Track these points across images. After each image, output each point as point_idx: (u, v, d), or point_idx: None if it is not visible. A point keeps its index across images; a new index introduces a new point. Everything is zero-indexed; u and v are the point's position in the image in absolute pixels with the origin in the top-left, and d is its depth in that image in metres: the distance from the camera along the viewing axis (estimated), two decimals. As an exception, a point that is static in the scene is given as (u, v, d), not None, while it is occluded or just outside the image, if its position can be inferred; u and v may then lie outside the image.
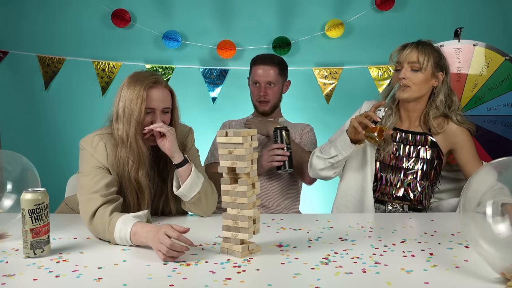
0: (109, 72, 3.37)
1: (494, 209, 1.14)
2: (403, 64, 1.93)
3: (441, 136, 1.98)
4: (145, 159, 1.68)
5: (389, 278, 1.21)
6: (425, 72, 1.91)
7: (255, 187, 1.40)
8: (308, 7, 3.34)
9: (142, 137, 1.66)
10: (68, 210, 1.94)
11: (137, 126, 1.64)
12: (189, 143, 1.89)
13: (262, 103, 2.39)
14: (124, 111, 1.65)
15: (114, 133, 1.68)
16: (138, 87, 1.64)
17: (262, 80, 2.36)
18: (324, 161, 1.99)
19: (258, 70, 2.38)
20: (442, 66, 1.97)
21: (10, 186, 1.58)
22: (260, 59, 2.42)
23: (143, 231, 1.45)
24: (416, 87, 1.92)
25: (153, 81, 1.66)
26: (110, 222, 1.50)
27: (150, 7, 3.37)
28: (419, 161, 1.99)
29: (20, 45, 3.35)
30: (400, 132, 2.02)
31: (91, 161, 1.65)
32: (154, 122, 1.67)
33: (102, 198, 1.57)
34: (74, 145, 3.34)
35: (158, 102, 1.67)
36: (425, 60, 1.91)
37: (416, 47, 1.94)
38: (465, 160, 1.97)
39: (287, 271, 1.27)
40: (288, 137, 2.16)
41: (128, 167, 1.65)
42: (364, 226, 1.70)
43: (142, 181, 1.68)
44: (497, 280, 1.17)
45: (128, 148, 1.65)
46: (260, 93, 2.37)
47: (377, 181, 2.03)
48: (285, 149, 2.15)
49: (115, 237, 1.49)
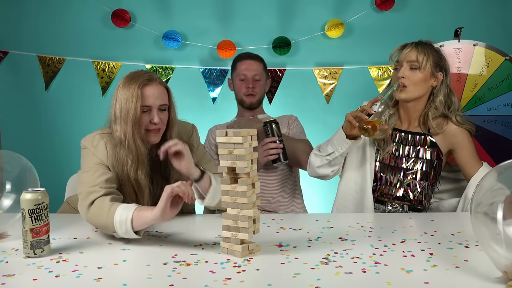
0: (109, 72, 3.37)
1: (504, 209, 1.14)
2: (402, 63, 1.93)
3: (441, 137, 1.98)
4: (144, 158, 1.68)
5: (389, 278, 1.21)
6: (424, 71, 1.92)
7: (255, 187, 1.40)
8: (308, 7, 3.34)
9: (140, 137, 1.66)
10: (70, 209, 1.93)
11: (134, 126, 1.64)
12: (195, 142, 1.88)
13: (249, 96, 2.42)
14: (120, 112, 1.65)
15: (113, 134, 1.68)
16: (132, 86, 1.64)
17: (249, 74, 2.42)
18: (321, 158, 1.99)
19: (243, 65, 2.43)
20: (442, 66, 1.97)
21: (10, 186, 1.58)
22: (244, 55, 2.49)
23: (147, 208, 1.46)
24: (414, 87, 1.92)
25: (147, 79, 1.66)
26: (110, 208, 1.49)
27: (150, 7, 3.37)
28: (419, 162, 1.99)
29: (20, 45, 3.35)
30: (399, 133, 2.02)
31: (92, 159, 1.66)
32: (152, 120, 1.67)
33: (102, 189, 1.57)
34: (74, 145, 3.35)
35: (154, 99, 1.66)
36: (424, 59, 1.91)
37: (415, 46, 1.94)
38: (465, 160, 1.97)
39: (287, 271, 1.27)
40: (278, 129, 2.20)
41: (127, 167, 1.65)
42: (364, 226, 1.70)
43: (142, 181, 1.68)
44: (498, 280, 1.17)
45: (127, 148, 1.65)
46: (248, 85, 2.41)
47: (376, 181, 2.03)
48: (278, 141, 2.18)
49: (114, 221, 1.46)
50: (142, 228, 1.47)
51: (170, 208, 1.42)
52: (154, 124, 1.67)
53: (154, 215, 1.42)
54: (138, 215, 1.45)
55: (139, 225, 1.46)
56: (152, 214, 1.42)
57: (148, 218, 1.44)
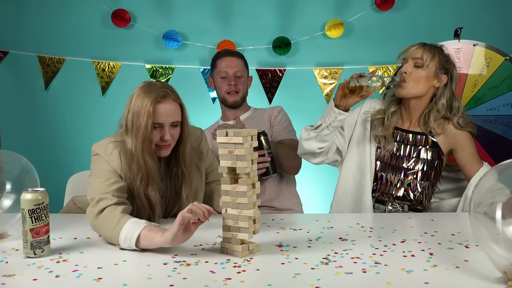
0: (109, 72, 3.37)
1: (503, 210, 1.14)
2: (408, 59, 1.95)
3: (442, 137, 1.98)
4: (154, 175, 1.64)
5: (389, 278, 1.21)
6: (426, 69, 1.92)
7: (255, 187, 1.40)
8: (308, 7, 3.34)
9: (150, 152, 1.62)
10: (76, 209, 1.91)
11: (144, 142, 1.60)
12: (204, 149, 1.85)
13: (231, 94, 2.35)
14: (132, 125, 1.61)
15: (125, 144, 1.65)
16: (146, 101, 1.59)
17: (230, 71, 2.34)
18: (309, 132, 1.95)
19: (224, 62, 2.36)
20: (448, 70, 1.97)
21: (10, 186, 1.58)
22: (224, 52, 2.43)
23: (158, 229, 1.41)
24: (414, 84, 1.92)
25: (161, 95, 1.60)
26: (120, 220, 1.46)
27: (150, 7, 3.37)
28: (420, 162, 1.99)
29: (20, 45, 3.35)
30: (401, 132, 2.02)
31: (105, 166, 1.63)
32: (163, 137, 1.63)
33: (114, 198, 1.54)
34: (74, 145, 3.39)
35: (166, 117, 1.62)
36: (428, 58, 1.92)
37: (423, 45, 1.96)
38: (466, 160, 1.97)
39: (287, 271, 1.27)
40: (267, 141, 2.13)
41: (137, 182, 1.62)
42: (364, 226, 1.70)
43: (153, 197, 1.65)
44: (498, 280, 1.17)
45: (136, 163, 1.62)
46: (230, 83, 2.33)
47: (377, 181, 2.03)
48: (266, 154, 2.12)
49: (121, 233, 1.43)
50: (148, 248, 1.43)
51: (183, 233, 1.38)
52: (165, 140, 1.64)
53: (164, 239, 1.38)
54: (147, 234, 1.42)
55: (146, 245, 1.42)
56: (162, 238, 1.39)
57: (157, 240, 1.40)
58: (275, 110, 2.40)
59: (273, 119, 2.37)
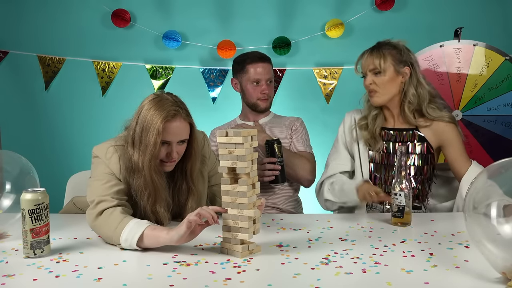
0: (109, 72, 3.37)
1: (498, 210, 1.14)
2: (366, 73, 2.00)
3: (429, 132, 2.00)
4: (162, 192, 1.63)
5: (389, 278, 1.21)
6: (386, 73, 1.95)
7: (255, 187, 1.40)
8: (308, 7, 3.34)
9: (157, 170, 1.61)
10: (75, 210, 1.91)
11: (152, 160, 1.58)
12: (207, 152, 1.85)
13: (263, 100, 2.35)
14: (140, 140, 1.58)
15: (130, 157, 1.62)
16: (156, 118, 1.55)
17: (263, 78, 2.33)
18: (334, 204, 2.06)
19: (258, 68, 2.33)
20: (406, 61, 1.98)
21: (9, 186, 1.58)
22: (255, 57, 2.36)
23: (162, 228, 1.44)
24: (384, 90, 1.97)
25: (172, 114, 1.57)
26: (122, 220, 1.47)
27: (150, 7, 3.37)
28: (411, 157, 2.00)
29: (20, 45, 3.35)
30: (387, 131, 2.04)
31: (105, 168, 1.62)
32: (169, 154, 1.62)
33: (114, 200, 1.54)
34: (74, 145, 3.39)
35: (175, 136, 1.60)
36: (381, 62, 1.95)
37: (370, 52, 2.00)
38: (454, 158, 1.99)
39: (287, 271, 1.27)
40: (280, 150, 2.12)
41: (144, 199, 1.61)
42: (364, 226, 1.70)
43: (161, 214, 1.64)
44: (497, 280, 1.17)
45: (143, 179, 1.59)
46: (264, 91, 2.33)
47: (372, 182, 2.04)
48: (277, 163, 2.11)
49: (123, 232, 1.44)
50: (152, 247, 1.44)
51: (188, 234, 1.40)
52: (171, 157, 1.62)
53: (170, 238, 1.40)
54: (151, 233, 1.43)
55: (150, 243, 1.43)
56: (168, 236, 1.40)
57: (162, 239, 1.42)
58: (297, 121, 2.41)
59: (294, 129, 2.37)
